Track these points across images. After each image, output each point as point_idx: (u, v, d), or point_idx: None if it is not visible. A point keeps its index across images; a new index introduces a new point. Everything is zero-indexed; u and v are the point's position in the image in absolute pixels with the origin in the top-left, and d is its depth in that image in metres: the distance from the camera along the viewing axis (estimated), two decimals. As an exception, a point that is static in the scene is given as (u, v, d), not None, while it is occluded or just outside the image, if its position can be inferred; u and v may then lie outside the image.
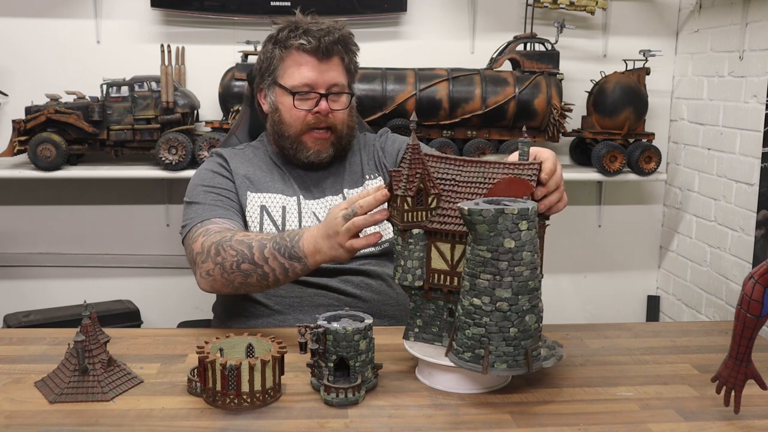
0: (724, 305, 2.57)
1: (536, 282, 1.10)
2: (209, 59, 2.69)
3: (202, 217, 1.58)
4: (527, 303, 1.08)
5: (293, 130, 1.67)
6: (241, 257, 1.40)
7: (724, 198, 2.58)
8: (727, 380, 1.07)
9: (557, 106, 2.52)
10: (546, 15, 2.76)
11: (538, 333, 1.12)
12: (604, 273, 3.06)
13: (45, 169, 2.42)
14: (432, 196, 1.19)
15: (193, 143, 2.47)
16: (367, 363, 1.17)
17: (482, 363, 1.09)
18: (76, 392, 1.13)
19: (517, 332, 1.08)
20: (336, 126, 1.68)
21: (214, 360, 1.10)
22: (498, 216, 1.05)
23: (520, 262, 1.06)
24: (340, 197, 1.70)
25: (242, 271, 1.41)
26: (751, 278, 1.00)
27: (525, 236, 1.06)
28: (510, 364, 1.09)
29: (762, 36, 2.37)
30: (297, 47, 1.65)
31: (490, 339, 1.09)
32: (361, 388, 1.14)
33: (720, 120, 2.59)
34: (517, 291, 1.07)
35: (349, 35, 1.69)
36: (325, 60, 1.65)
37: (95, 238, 2.84)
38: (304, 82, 1.65)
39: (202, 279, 1.47)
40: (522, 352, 1.09)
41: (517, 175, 1.17)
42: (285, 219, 1.64)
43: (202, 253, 1.46)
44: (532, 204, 1.08)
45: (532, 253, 1.07)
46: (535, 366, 1.11)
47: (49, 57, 2.68)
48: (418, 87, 2.48)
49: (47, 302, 2.68)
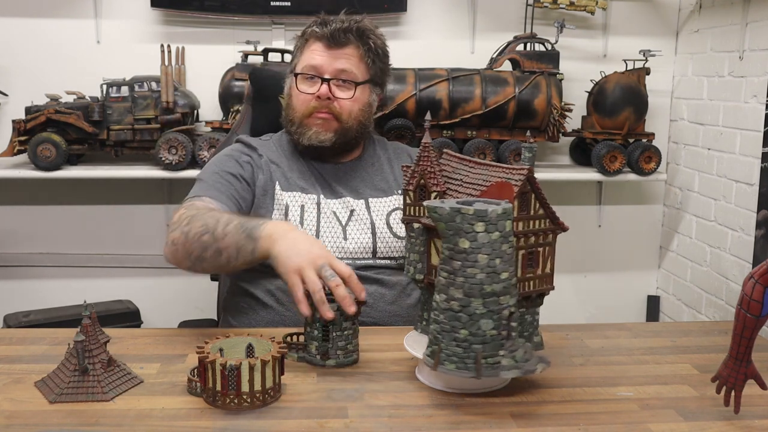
0: (724, 305, 2.57)
1: (498, 287, 1.06)
2: (209, 59, 2.69)
3: (196, 194, 1.59)
4: (481, 307, 1.06)
5: (298, 114, 1.68)
6: (205, 229, 1.40)
7: (724, 198, 2.58)
8: (727, 380, 1.07)
9: (557, 106, 2.52)
10: (546, 15, 2.76)
11: (498, 340, 1.08)
12: (604, 273, 3.06)
13: (45, 169, 2.42)
14: (434, 192, 1.20)
15: (193, 143, 2.47)
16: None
17: (435, 359, 1.11)
18: (76, 392, 1.13)
19: (467, 334, 1.07)
20: (340, 115, 1.67)
21: (214, 360, 1.10)
22: (455, 215, 1.05)
23: (474, 264, 1.05)
24: (362, 203, 1.69)
25: (202, 242, 1.40)
26: (751, 278, 1.00)
27: (482, 238, 1.04)
28: (459, 366, 1.08)
29: (762, 36, 2.37)
30: (311, 34, 1.68)
31: (442, 337, 1.09)
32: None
33: (720, 120, 2.59)
34: (468, 293, 1.06)
35: (368, 27, 1.69)
36: (335, 47, 1.65)
37: (95, 238, 2.84)
38: (310, 65, 1.66)
39: (167, 247, 1.48)
40: (472, 356, 1.07)
41: (507, 179, 1.17)
42: (303, 218, 1.64)
43: (176, 222, 1.47)
44: (497, 207, 1.05)
45: (492, 257, 1.05)
46: (488, 373, 1.08)
47: (49, 57, 2.68)
48: (418, 87, 2.48)
49: (47, 302, 2.68)
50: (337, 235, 1.63)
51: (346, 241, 1.63)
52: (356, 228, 1.65)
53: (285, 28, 2.72)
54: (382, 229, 1.66)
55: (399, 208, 1.70)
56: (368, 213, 1.68)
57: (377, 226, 1.66)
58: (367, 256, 1.64)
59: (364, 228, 1.65)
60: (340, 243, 1.62)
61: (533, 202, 1.15)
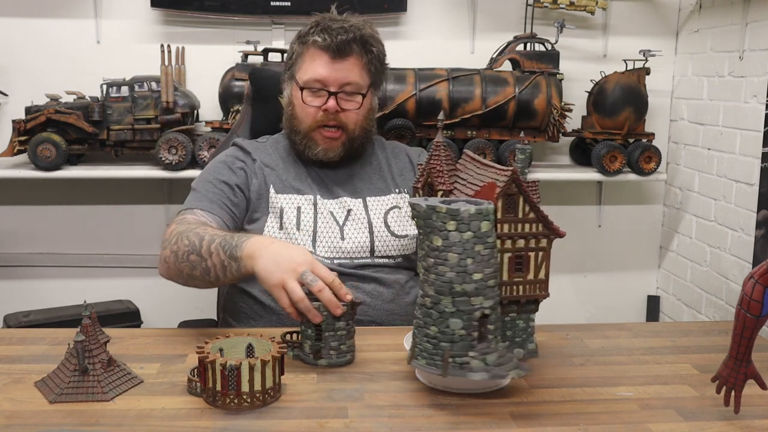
0: (724, 305, 2.57)
1: (469, 287, 1.05)
2: (209, 59, 2.69)
3: (189, 206, 1.61)
4: (451, 306, 1.06)
5: (304, 126, 1.68)
6: (191, 248, 1.43)
7: (724, 198, 2.58)
8: (727, 380, 1.07)
9: (557, 106, 2.52)
10: (546, 15, 2.76)
11: (467, 341, 1.08)
12: (604, 273, 3.06)
13: (45, 169, 2.42)
14: (440, 191, 1.20)
15: (193, 143, 2.47)
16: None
17: (410, 353, 1.13)
18: (76, 392, 1.13)
19: (437, 331, 1.08)
20: (347, 126, 1.67)
21: (214, 360, 1.10)
22: (431, 213, 1.06)
23: (444, 262, 1.05)
24: (359, 201, 1.69)
25: (190, 262, 1.43)
26: (751, 278, 1.00)
27: (453, 237, 1.04)
28: (429, 362, 1.09)
29: (762, 36, 2.37)
30: (312, 43, 1.66)
31: (417, 332, 1.11)
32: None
33: (720, 120, 2.59)
34: (438, 291, 1.06)
35: (370, 35, 1.68)
36: (339, 58, 1.64)
37: (95, 238, 2.84)
38: (315, 78, 1.65)
39: (160, 265, 1.51)
40: (440, 354, 1.08)
41: (495, 179, 1.17)
42: (300, 219, 1.64)
43: (167, 239, 1.50)
44: (470, 207, 1.05)
45: (463, 257, 1.05)
46: (454, 373, 1.08)
47: (49, 57, 2.68)
48: (418, 87, 2.48)
49: (47, 302, 2.68)
50: (335, 235, 1.63)
51: (344, 241, 1.63)
52: (353, 227, 1.65)
53: (285, 28, 2.72)
54: (379, 228, 1.67)
55: (397, 206, 1.70)
56: (366, 212, 1.68)
57: (375, 225, 1.67)
58: (365, 255, 1.64)
59: (362, 227, 1.66)
60: (337, 243, 1.63)
61: (521, 205, 1.13)
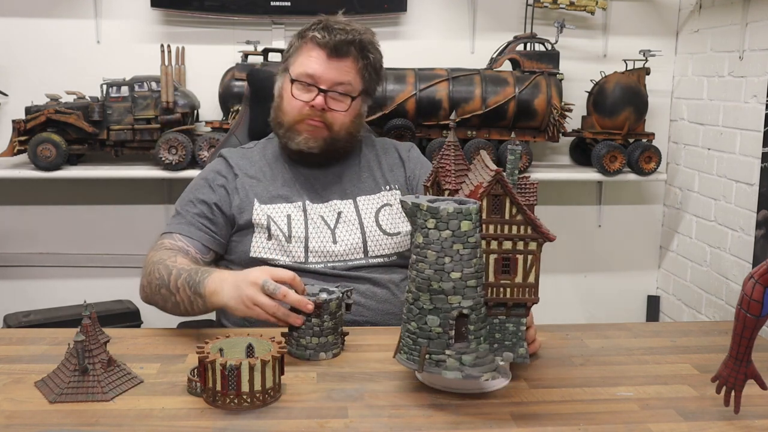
0: (724, 305, 2.57)
1: (446, 286, 1.06)
2: (209, 59, 2.69)
3: (169, 229, 1.64)
4: (428, 303, 1.07)
5: (288, 118, 1.67)
6: (160, 282, 1.47)
7: (724, 198, 2.58)
8: (727, 380, 1.07)
9: (557, 106, 2.52)
10: (546, 15, 2.76)
11: (444, 339, 1.08)
12: (604, 273, 3.06)
13: (45, 169, 2.42)
14: (446, 190, 1.21)
15: (193, 143, 2.47)
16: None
17: (396, 347, 1.14)
18: (76, 392, 1.13)
19: (415, 327, 1.09)
20: (332, 126, 1.66)
21: (214, 360, 1.10)
22: (416, 210, 1.07)
23: (424, 259, 1.07)
24: (349, 203, 1.69)
25: (161, 295, 1.48)
26: (751, 278, 1.00)
27: (432, 235, 1.06)
28: (408, 357, 1.11)
29: (762, 36, 2.37)
30: (311, 39, 1.65)
31: (402, 327, 1.12)
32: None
33: (720, 120, 2.59)
34: (418, 287, 1.08)
35: (369, 42, 1.68)
36: (335, 58, 1.64)
37: (95, 238, 2.84)
38: (308, 73, 1.64)
39: (140, 290, 1.56)
40: (418, 350, 1.09)
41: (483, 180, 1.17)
42: (291, 227, 1.63)
43: (145, 267, 1.54)
44: (449, 206, 1.05)
45: (441, 255, 1.05)
46: (430, 369, 1.09)
47: (49, 57, 2.68)
48: (418, 87, 2.48)
49: (47, 302, 2.68)
50: (327, 240, 1.63)
51: (336, 244, 1.63)
52: (345, 230, 1.65)
53: (285, 28, 2.72)
54: (371, 228, 1.66)
55: (388, 204, 1.70)
56: (356, 213, 1.68)
57: (366, 225, 1.66)
58: (359, 257, 1.64)
59: (353, 229, 1.66)
60: (329, 247, 1.62)
61: (508, 206, 1.11)
